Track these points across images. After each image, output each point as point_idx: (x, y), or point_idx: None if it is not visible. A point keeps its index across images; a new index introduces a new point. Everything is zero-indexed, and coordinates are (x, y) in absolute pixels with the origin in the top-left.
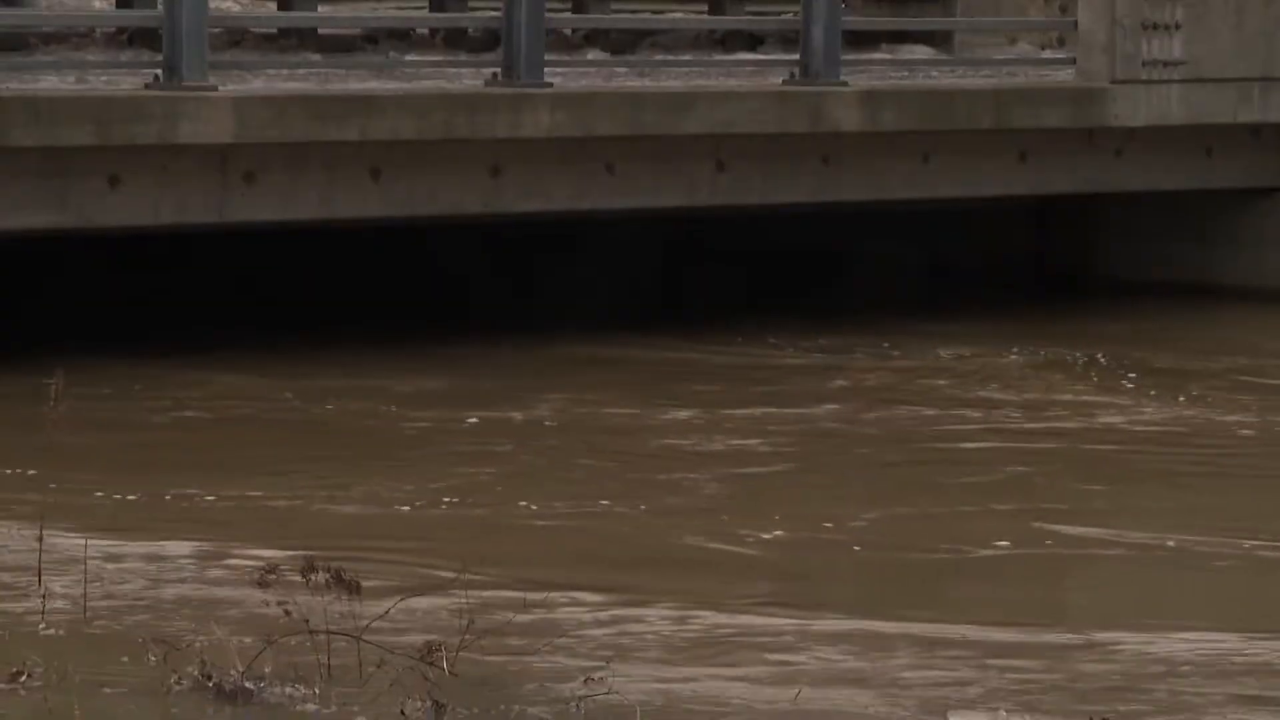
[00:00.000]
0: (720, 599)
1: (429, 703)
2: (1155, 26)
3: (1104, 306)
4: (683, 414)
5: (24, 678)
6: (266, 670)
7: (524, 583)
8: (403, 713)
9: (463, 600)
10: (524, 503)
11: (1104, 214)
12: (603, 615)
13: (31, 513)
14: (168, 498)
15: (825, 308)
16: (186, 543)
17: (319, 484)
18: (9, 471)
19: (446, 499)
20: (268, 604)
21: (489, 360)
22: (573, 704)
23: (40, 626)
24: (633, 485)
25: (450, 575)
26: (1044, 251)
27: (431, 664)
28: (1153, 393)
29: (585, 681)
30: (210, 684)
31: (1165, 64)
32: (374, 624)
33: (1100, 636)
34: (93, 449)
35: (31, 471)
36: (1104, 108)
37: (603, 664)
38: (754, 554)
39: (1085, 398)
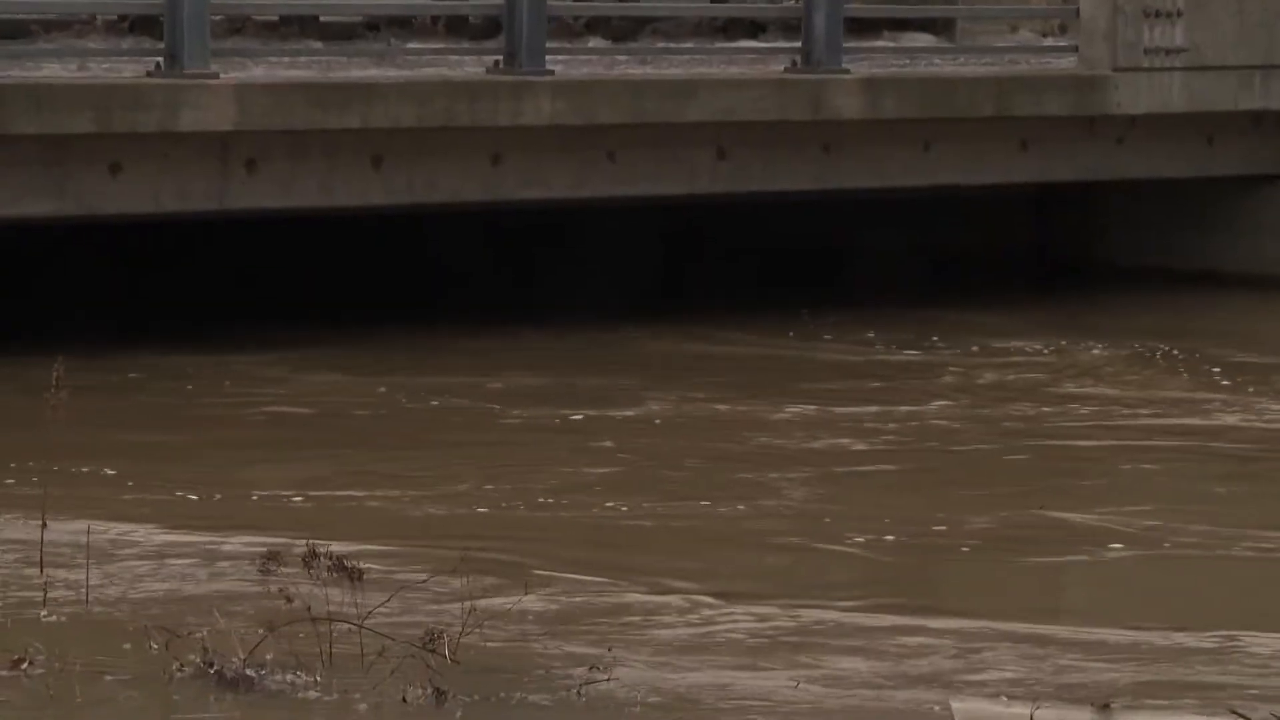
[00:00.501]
0: (815, 598)
1: (430, 690)
2: (1157, 14)
3: (1136, 296)
4: (794, 410)
5: (26, 665)
6: (268, 658)
7: (611, 580)
8: (404, 700)
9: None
10: (616, 503)
11: (1105, 202)
12: (690, 614)
13: (33, 499)
14: (171, 485)
15: (854, 301)
16: (188, 531)
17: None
18: (11, 458)
19: (542, 498)
20: (270, 591)
21: (570, 355)
22: (574, 691)
23: (42, 613)
24: (737, 484)
25: (544, 574)
26: (1045, 240)
27: (433, 651)
28: (1251, 390)
29: (590, 668)
30: (212, 671)
31: (1167, 51)
32: (376, 611)
33: (1245, 638)
34: (95, 436)
35: (33, 459)
36: (1105, 95)
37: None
38: (857, 553)
39: (1192, 394)
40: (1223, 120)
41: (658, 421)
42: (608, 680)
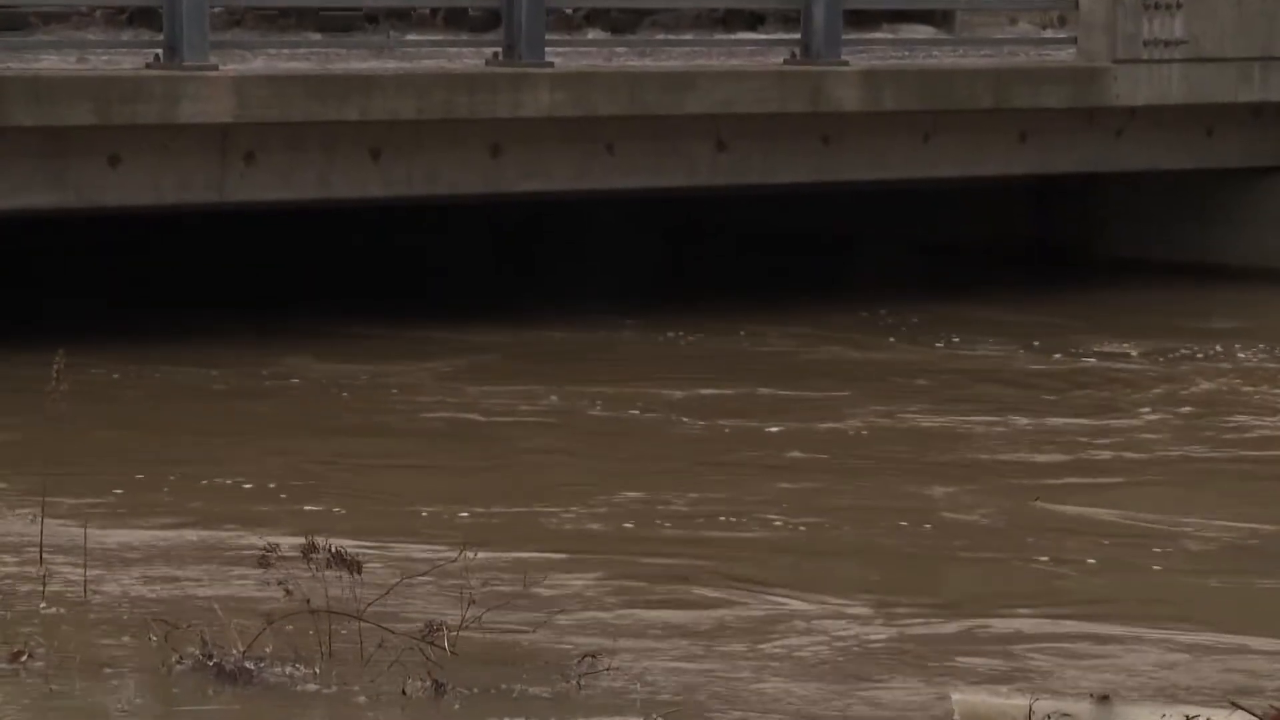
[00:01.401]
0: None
1: (430, 683)
2: (1156, 5)
3: (1196, 292)
4: (994, 420)
5: (25, 658)
6: (267, 650)
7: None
8: (404, 693)
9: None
10: (807, 518)
11: (1105, 194)
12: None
13: (33, 492)
14: (170, 477)
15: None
16: (187, 523)
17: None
18: (10, 450)
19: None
20: (269, 584)
21: (721, 359)
22: (573, 683)
23: (41, 606)
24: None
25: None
26: (1044, 232)
27: (433, 644)
28: None
29: (581, 659)
30: (211, 664)
31: (1166, 43)
32: (375, 604)
33: None
34: (94, 429)
35: (32, 451)
36: (1105, 87)
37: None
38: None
39: None
40: (1222, 112)
41: (865, 433)
42: (607, 672)
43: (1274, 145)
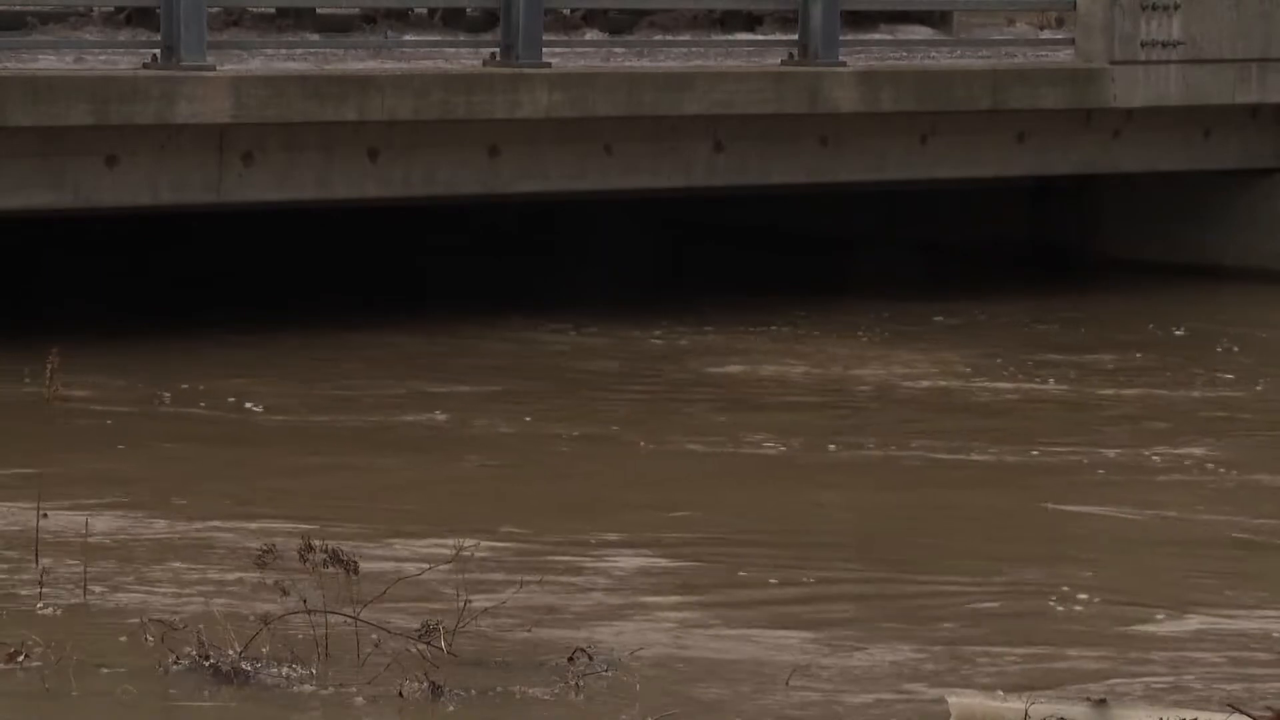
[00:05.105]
0: None
1: (427, 684)
2: (1154, 7)
3: (1193, 293)
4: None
5: (22, 657)
6: (264, 651)
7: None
8: (400, 694)
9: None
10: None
11: (1102, 195)
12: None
13: (29, 491)
14: (167, 477)
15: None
16: (185, 523)
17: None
18: (9, 451)
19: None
20: (266, 584)
21: None
22: (571, 684)
23: (38, 606)
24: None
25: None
26: (1041, 233)
27: (430, 644)
28: None
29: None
30: (208, 664)
31: (1164, 44)
32: (372, 604)
33: None
34: (90, 427)
35: (29, 449)
36: (1102, 88)
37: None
38: None
39: None
40: (1219, 113)
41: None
42: (606, 672)
43: (1271, 147)
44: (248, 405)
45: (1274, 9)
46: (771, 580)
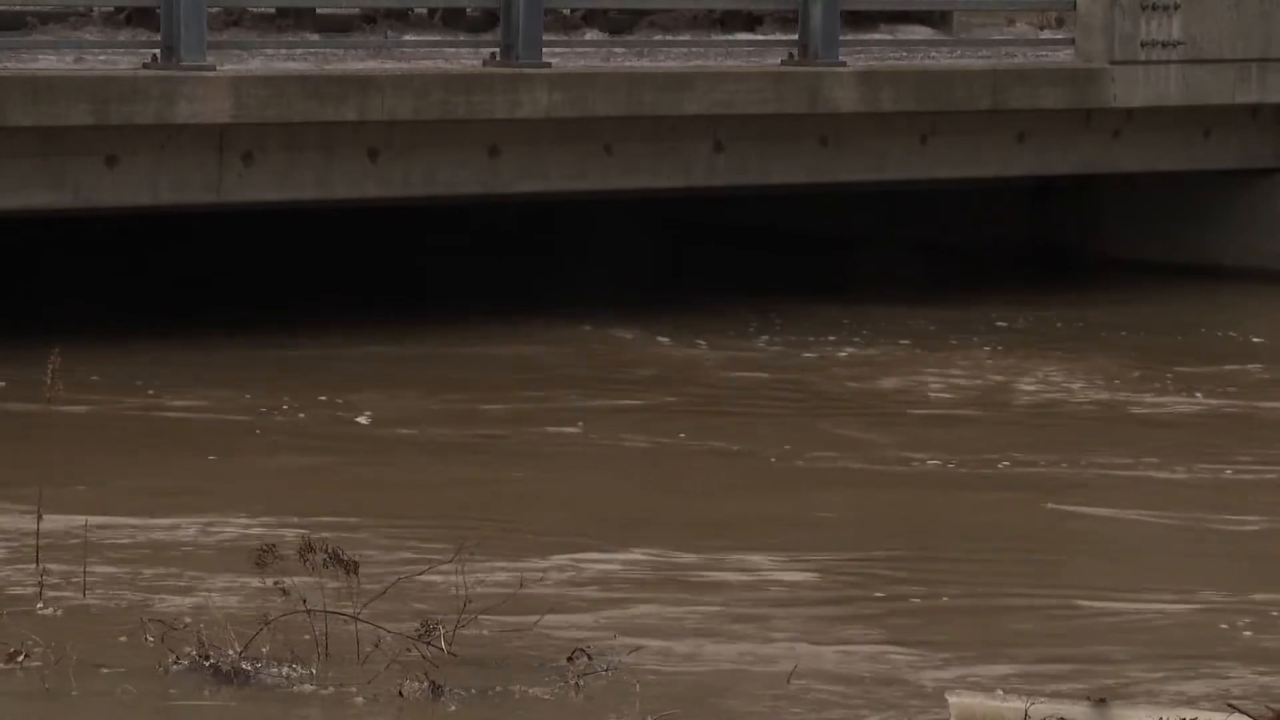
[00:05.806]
0: None
1: (427, 683)
2: (1154, 7)
3: (1192, 293)
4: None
5: (22, 657)
6: (264, 651)
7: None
8: (400, 694)
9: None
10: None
11: (1102, 195)
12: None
13: (29, 492)
14: (166, 477)
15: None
16: (184, 524)
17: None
18: (8, 451)
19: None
20: (266, 584)
21: None
22: (571, 683)
23: (38, 606)
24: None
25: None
26: (1041, 233)
27: (430, 644)
28: None
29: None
30: (208, 664)
31: (1164, 44)
32: (372, 604)
33: None
34: (91, 429)
35: (28, 451)
36: (1102, 88)
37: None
38: None
39: None
40: (1219, 113)
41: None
42: (606, 671)
43: (1271, 147)
44: (250, 405)
45: (1274, 9)
46: (772, 580)
